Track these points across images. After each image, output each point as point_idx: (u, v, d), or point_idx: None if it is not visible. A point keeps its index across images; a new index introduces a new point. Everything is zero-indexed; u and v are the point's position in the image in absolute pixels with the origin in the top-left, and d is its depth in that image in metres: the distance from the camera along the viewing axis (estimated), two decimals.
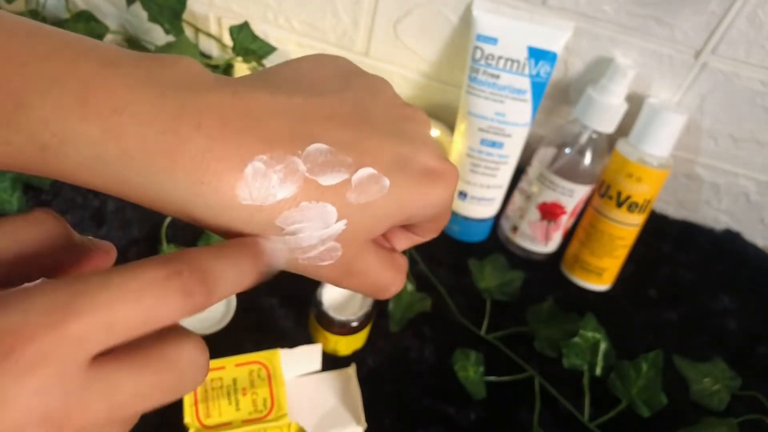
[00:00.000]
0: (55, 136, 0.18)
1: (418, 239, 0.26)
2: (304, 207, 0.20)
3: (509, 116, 0.50)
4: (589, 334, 0.47)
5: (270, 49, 0.57)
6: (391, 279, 0.25)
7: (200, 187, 0.19)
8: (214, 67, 0.59)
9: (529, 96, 0.49)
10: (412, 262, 0.52)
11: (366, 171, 0.21)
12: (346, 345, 0.44)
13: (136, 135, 0.18)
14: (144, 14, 0.55)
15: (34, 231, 0.20)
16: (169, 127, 0.19)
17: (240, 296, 0.46)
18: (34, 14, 0.59)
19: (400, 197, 0.22)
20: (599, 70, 0.51)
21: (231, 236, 0.20)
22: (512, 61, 0.48)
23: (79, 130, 0.18)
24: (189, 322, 0.43)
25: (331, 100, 0.22)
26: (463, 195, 0.54)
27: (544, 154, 0.52)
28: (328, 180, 0.20)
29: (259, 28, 0.58)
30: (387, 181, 0.21)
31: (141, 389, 0.17)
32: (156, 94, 0.19)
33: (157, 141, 0.18)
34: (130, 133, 0.18)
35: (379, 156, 0.21)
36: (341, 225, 0.21)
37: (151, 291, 0.17)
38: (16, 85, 0.18)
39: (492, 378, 0.46)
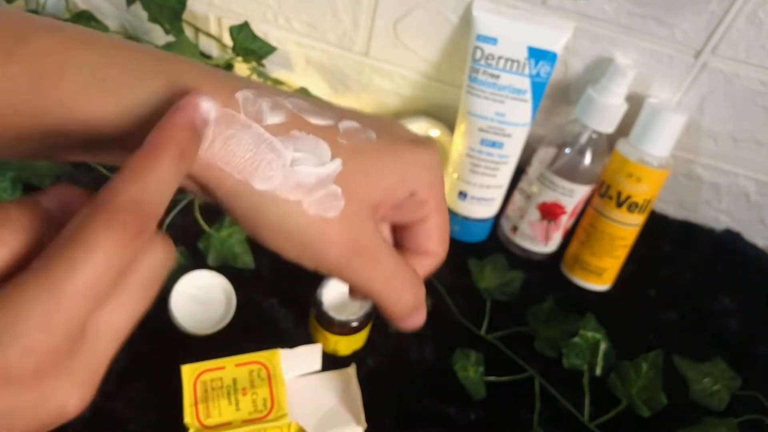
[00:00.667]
0: (54, 63, 0.19)
1: (431, 261, 0.25)
2: (296, 135, 0.21)
3: (509, 116, 0.50)
4: (589, 334, 0.47)
5: (270, 49, 0.57)
6: (409, 280, 0.23)
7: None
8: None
9: (529, 96, 0.49)
10: None
11: (351, 123, 0.22)
12: (346, 345, 0.44)
13: (135, 60, 0.20)
14: (144, 14, 0.55)
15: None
16: (165, 58, 0.20)
17: (240, 296, 0.46)
18: (34, 14, 0.59)
19: (389, 148, 0.22)
20: (599, 70, 0.51)
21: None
22: (512, 61, 0.48)
23: (82, 58, 0.19)
24: (188, 323, 0.43)
25: (365, 119, 0.23)
26: (463, 195, 0.54)
27: (544, 154, 0.52)
28: (315, 119, 0.21)
29: (259, 28, 0.58)
30: (373, 134, 0.22)
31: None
32: (151, 49, 0.21)
33: (156, 67, 0.20)
34: (128, 61, 0.20)
35: (361, 118, 0.23)
36: (337, 164, 0.21)
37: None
38: (21, 24, 0.19)
39: (492, 378, 0.46)
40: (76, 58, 0.19)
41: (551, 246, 0.55)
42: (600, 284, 0.54)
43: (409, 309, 0.23)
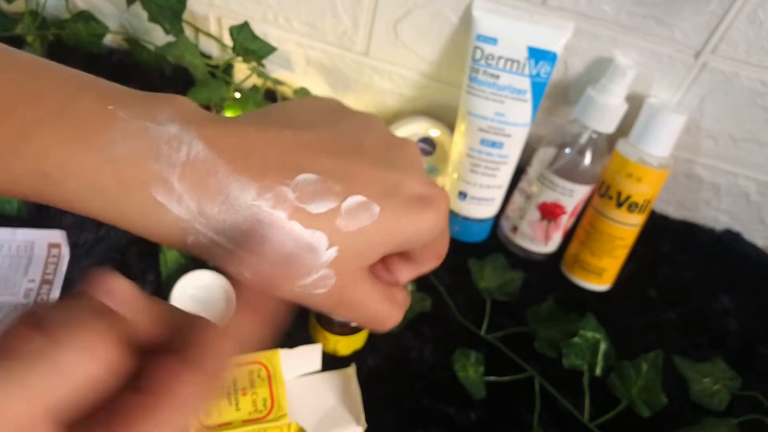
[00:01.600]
0: (54, 165, 0.19)
1: (420, 269, 0.26)
2: (295, 230, 0.21)
3: (509, 116, 0.50)
4: (589, 334, 0.47)
5: (270, 49, 0.57)
6: (387, 313, 0.25)
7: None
8: (214, 67, 0.59)
9: (529, 96, 0.49)
10: None
11: (355, 198, 0.21)
12: (346, 345, 0.44)
13: (132, 165, 0.19)
14: (144, 14, 0.55)
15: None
16: (161, 154, 0.19)
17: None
18: (34, 14, 0.59)
19: (391, 224, 0.22)
20: (599, 70, 0.51)
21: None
22: (512, 61, 0.48)
23: (78, 160, 0.19)
24: None
25: (321, 133, 0.22)
26: (463, 195, 0.54)
27: (544, 154, 0.52)
28: (318, 208, 0.21)
29: (259, 28, 0.58)
30: (377, 208, 0.22)
31: None
32: (153, 127, 0.20)
33: (152, 170, 0.19)
34: (127, 164, 0.19)
35: (368, 184, 0.22)
36: (333, 252, 0.21)
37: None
38: (19, 117, 0.19)
39: (492, 378, 0.46)
40: (74, 163, 0.19)
41: (551, 246, 0.55)
42: (600, 284, 0.54)
43: (389, 327, 0.25)
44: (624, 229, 0.51)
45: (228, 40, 0.57)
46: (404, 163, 0.24)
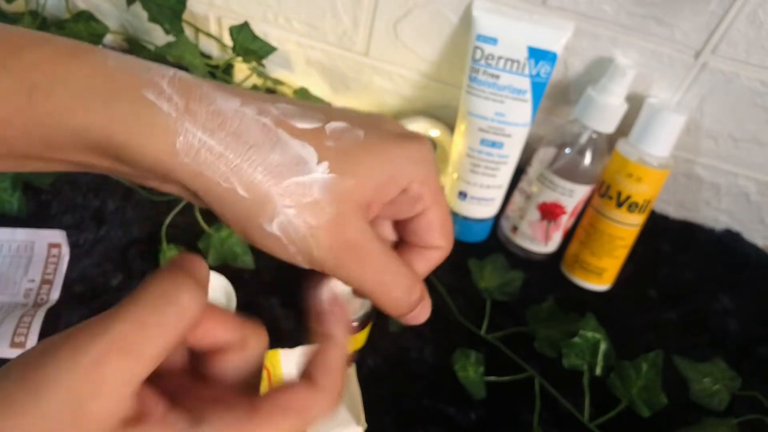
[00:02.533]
0: (45, 75, 0.19)
1: (434, 256, 0.25)
2: (282, 140, 0.21)
3: (509, 116, 0.50)
4: (589, 334, 0.47)
5: (270, 49, 0.57)
6: (401, 277, 0.23)
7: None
8: (214, 67, 0.59)
9: (529, 96, 0.49)
10: None
11: (338, 123, 0.22)
12: None
13: (123, 71, 0.20)
14: (144, 14, 0.55)
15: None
16: (148, 68, 0.20)
17: (240, 296, 0.46)
18: (34, 14, 0.59)
19: (381, 149, 0.22)
20: (599, 70, 0.51)
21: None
22: (512, 61, 0.48)
23: (69, 69, 0.19)
24: None
25: (353, 116, 0.23)
26: (463, 195, 0.54)
27: (544, 154, 0.52)
28: (303, 124, 0.21)
29: (259, 28, 0.58)
30: (361, 132, 0.22)
31: None
32: (135, 60, 0.21)
33: (143, 77, 0.20)
34: (118, 70, 0.20)
35: (355, 116, 0.22)
36: (324, 167, 0.21)
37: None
38: (12, 38, 0.19)
39: (492, 378, 0.46)
40: (65, 71, 0.19)
41: (551, 246, 0.55)
42: (600, 284, 0.54)
43: (405, 305, 0.24)
44: (624, 229, 0.51)
45: (228, 40, 0.57)
46: (381, 118, 0.24)
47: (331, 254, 0.21)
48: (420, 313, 0.24)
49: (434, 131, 0.57)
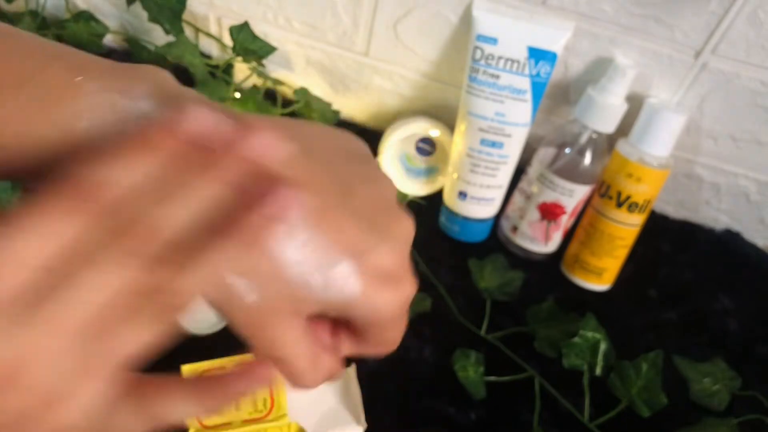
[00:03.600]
0: (12, 136, 0.18)
1: (364, 350, 0.23)
2: None
3: (509, 116, 0.50)
4: (589, 334, 0.47)
5: (270, 49, 0.57)
6: (301, 368, 0.21)
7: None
8: (214, 67, 0.59)
9: (529, 96, 0.49)
10: (412, 263, 0.52)
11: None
12: None
13: (91, 143, 0.18)
14: (144, 14, 0.55)
15: None
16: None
17: None
18: (34, 14, 0.59)
19: (342, 287, 0.19)
20: (599, 70, 0.51)
21: None
22: (512, 61, 0.48)
23: (36, 133, 0.18)
24: (188, 323, 0.43)
25: (317, 167, 0.20)
26: (463, 195, 0.54)
27: (544, 154, 0.52)
28: None
29: (259, 28, 0.58)
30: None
31: None
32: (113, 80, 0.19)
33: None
34: (86, 141, 0.18)
35: (338, 233, 0.19)
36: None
37: None
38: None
39: (492, 378, 0.46)
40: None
41: (551, 246, 0.55)
42: (600, 284, 0.54)
43: (300, 384, 0.22)
44: (624, 229, 0.51)
45: (228, 40, 0.57)
46: (390, 232, 0.21)
47: (243, 323, 0.20)
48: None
49: (434, 131, 0.57)
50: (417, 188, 0.60)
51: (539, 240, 0.54)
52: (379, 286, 0.20)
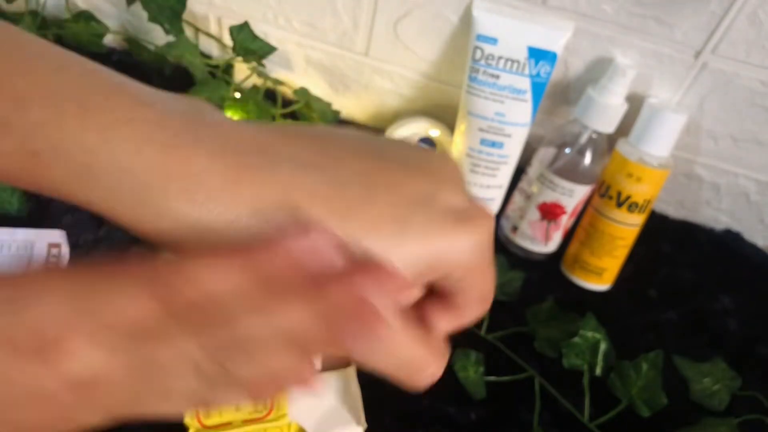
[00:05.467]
0: (48, 141, 0.17)
1: (462, 316, 0.22)
2: None
3: (509, 116, 0.50)
4: (589, 334, 0.47)
5: (270, 49, 0.57)
6: (425, 359, 0.21)
7: (193, 205, 0.18)
8: (214, 67, 0.59)
9: (529, 96, 0.49)
10: None
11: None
12: None
13: (133, 148, 0.17)
14: (144, 14, 0.55)
15: None
16: (169, 143, 0.18)
17: None
18: (34, 14, 0.59)
19: (423, 239, 0.19)
20: (599, 70, 0.51)
21: None
22: (512, 61, 0.48)
23: (75, 138, 0.17)
24: None
25: (346, 140, 0.20)
26: None
27: (544, 154, 0.52)
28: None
29: (259, 28, 0.58)
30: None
31: None
32: (160, 112, 0.18)
33: (154, 157, 0.17)
34: (127, 146, 0.17)
35: (395, 190, 0.19)
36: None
37: None
38: (19, 89, 0.17)
39: (492, 378, 0.46)
40: (69, 138, 0.17)
41: (551, 246, 0.55)
42: (600, 284, 0.54)
43: (429, 380, 0.22)
44: (624, 229, 0.51)
45: (228, 40, 0.57)
46: (440, 170, 0.21)
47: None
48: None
49: (434, 131, 0.57)
50: None
51: (539, 240, 0.54)
52: (458, 226, 0.20)
